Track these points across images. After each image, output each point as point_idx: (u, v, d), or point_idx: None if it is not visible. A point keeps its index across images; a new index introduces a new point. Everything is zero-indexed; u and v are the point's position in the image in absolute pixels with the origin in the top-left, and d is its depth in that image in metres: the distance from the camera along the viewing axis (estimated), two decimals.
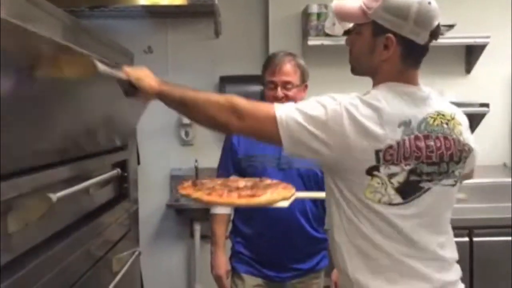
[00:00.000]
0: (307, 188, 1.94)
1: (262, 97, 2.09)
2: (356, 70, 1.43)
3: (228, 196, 1.45)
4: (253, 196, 1.45)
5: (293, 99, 1.89)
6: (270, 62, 2.06)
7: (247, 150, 2.03)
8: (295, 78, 2.01)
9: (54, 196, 1.06)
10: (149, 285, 3.52)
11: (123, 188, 1.86)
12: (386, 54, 1.31)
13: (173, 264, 3.64)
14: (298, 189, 1.70)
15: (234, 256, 2.12)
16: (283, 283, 2.05)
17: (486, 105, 3.19)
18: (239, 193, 1.48)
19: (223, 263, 2.09)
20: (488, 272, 2.72)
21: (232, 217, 2.19)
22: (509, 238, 2.73)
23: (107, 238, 1.64)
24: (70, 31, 1.23)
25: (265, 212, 1.85)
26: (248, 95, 1.99)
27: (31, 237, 1.09)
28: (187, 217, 3.48)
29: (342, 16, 1.38)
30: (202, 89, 3.64)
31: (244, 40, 3.55)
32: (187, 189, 1.52)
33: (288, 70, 2.01)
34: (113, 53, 1.59)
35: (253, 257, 2.06)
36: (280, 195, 1.48)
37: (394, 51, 1.30)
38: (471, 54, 3.34)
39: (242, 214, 2.07)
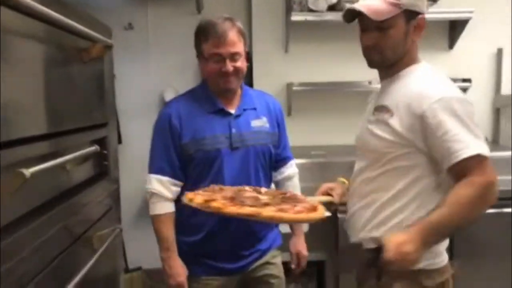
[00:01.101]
0: (262, 166, 1.83)
1: (204, 86, 1.87)
2: (386, 60, 1.51)
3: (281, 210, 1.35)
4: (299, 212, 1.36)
5: (241, 71, 1.74)
6: (210, 31, 1.72)
7: (194, 132, 1.74)
8: (241, 48, 1.74)
9: (27, 172, 1.03)
10: (134, 262, 3.52)
11: (103, 166, 1.84)
12: (419, 34, 1.50)
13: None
14: (253, 167, 1.77)
15: (183, 258, 1.83)
16: (243, 272, 1.87)
17: (468, 80, 3.22)
18: (280, 207, 1.37)
19: (182, 269, 1.79)
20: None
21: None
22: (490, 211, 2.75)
23: (87, 216, 1.62)
24: (48, 5, 1.19)
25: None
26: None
27: (6, 213, 1.07)
28: None
29: (376, 15, 1.44)
30: (183, 67, 3.61)
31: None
32: (211, 202, 1.40)
33: (234, 39, 1.72)
34: (92, 29, 1.55)
35: (206, 255, 1.82)
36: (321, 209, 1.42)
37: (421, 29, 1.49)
38: (454, 29, 3.33)
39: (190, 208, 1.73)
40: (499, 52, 3.39)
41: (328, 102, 3.38)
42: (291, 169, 2.01)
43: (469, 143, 1.34)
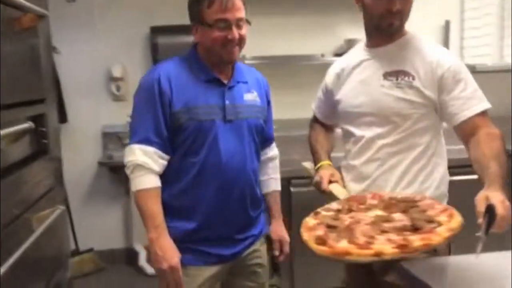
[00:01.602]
0: (255, 141, 1.70)
1: (195, 54, 1.66)
2: (403, 24, 1.63)
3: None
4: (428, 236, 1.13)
5: (244, 40, 1.60)
6: None
7: (187, 99, 1.57)
8: (244, 13, 1.61)
9: None
10: (86, 244, 3.43)
11: (42, 145, 1.74)
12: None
13: (110, 224, 3.56)
14: (248, 142, 1.66)
15: None
16: (236, 260, 1.70)
17: None
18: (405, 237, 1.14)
19: (175, 249, 1.56)
20: None
21: None
22: None
23: (25, 196, 1.53)
24: None
25: (219, 180, 1.59)
26: (181, 47, 1.83)
27: None
28: (122, 174, 3.36)
29: None
30: (132, 42, 3.47)
31: None
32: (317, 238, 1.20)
33: (240, 4, 1.58)
34: (28, 1, 1.44)
35: (199, 241, 1.61)
36: (457, 221, 1.21)
37: None
38: None
39: (180, 186, 1.60)
40: (447, 24, 3.43)
41: (281, 76, 3.35)
42: (274, 150, 1.91)
43: (482, 98, 1.53)
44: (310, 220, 1.34)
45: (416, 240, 1.11)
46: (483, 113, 1.51)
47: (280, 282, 2.90)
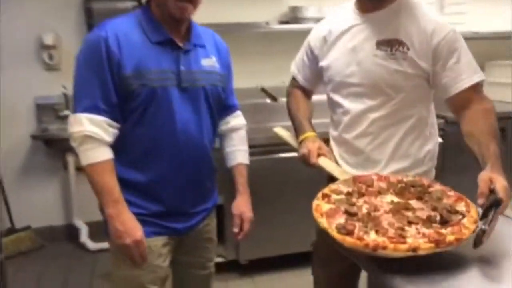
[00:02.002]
0: (212, 111, 1.58)
1: (147, 12, 1.50)
2: None
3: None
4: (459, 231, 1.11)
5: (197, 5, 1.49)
6: None
7: (138, 62, 1.41)
8: None
9: None
10: (22, 221, 3.27)
11: None
12: None
13: (48, 200, 3.40)
14: (205, 113, 1.55)
15: None
16: (188, 234, 1.62)
17: None
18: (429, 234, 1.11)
19: (137, 223, 1.46)
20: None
21: None
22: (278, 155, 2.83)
23: None
24: None
25: (174, 151, 1.49)
26: (118, 12, 1.67)
27: None
28: (58, 148, 3.20)
29: None
30: (64, 8, 3.24)
31: None
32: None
33: None
34: None
35: (150, 213, 1.53)
36: (475, 211, 1.19)
37: None
38: None
39: (131, 157, 1.50)
40: None
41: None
42: (238, 119, 1.77)
43: (476, 69, 1.49)
44: (323, 204, 1.26)
45: (448, 235, 1.09)
46: (477, 85, 1.47)
47: (225, 251, 2.89)
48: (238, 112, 1.78)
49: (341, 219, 1.19)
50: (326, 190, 1.34)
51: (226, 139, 1.75)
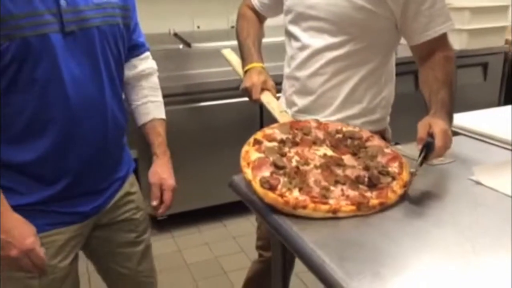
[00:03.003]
0: (115, 59, 1.25)
1: None
2: None
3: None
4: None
5: None
6: None
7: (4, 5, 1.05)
8: None
9: None
10: None
11: None
12: None
13: None
14: (101, 60, 1.20)
15: None
16: (100, 213, 1.32)
17: None
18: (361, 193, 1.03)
19: (25, 225, 1.14)
20: None
21: None
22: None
23: None
24: None
25: (66, 117, 1.16)
26: None
27: None
28: None
29: None
30: None
31: None
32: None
33: None
34: None
35: (43, 200, 1.20)
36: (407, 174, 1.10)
37: None
38: None
39: (8, 136, 1.15)
40: None
41: None
42: (148, 62, 1.43)
43: (448, 16, 1.37)
44: (252, 152, 1.14)
45: (373, 199, 1.02)
46: (445, 33, 1.38)
47: None
48: (147, 54, 1.44)
49: (267, 172, 1.08)
50: (259, 135, 1.21)
51: (133, 88, 1.41)
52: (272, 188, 1.03)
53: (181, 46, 2.88)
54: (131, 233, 1.41)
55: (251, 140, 1.20)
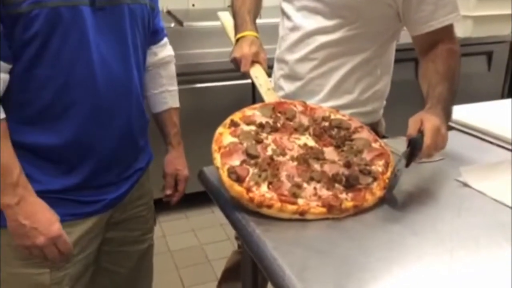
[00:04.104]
0: (141, 39, 1.19)
1: None
2: None
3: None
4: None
5: None
6: None
7: None
8: None
9: None
10: None
11: None
12: None
13: None
14: (130, 40, 1.12)
15: None
16: (116, 206, 1.24)
17: None
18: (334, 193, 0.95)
19: (49, 212, 1.07)
20: None
21: None
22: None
23: None
24: None
25: (93, 97, 1.08)
26: None
27: None
28: None
29: None
30: None
31: None
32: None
33: None
34: None
35: (64, 189, 1.12)
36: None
37: None
38: None
39: (28, 116, 1.07)
40: None
41: None
42: (167, 50, 1.39)
43: (455, 6, 1.26)
44: (226, 135, 1.05)
45: (347, 201, 0.93)
46: (451, 24, 1.27)
47: None
48: (166, 40, 1.39)
49: (237, 160, 0.99)
50: (237, 116, 1.11)
51: (152, 76, 1.35)
52: (240, 180, 0.94)
53: (172, 25, 2.77)
54: (136, 231, 1.33)
55: (228, 121, 1.10)
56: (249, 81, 1.37)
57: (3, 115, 1.00)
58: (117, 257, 1.32)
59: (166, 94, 1.38)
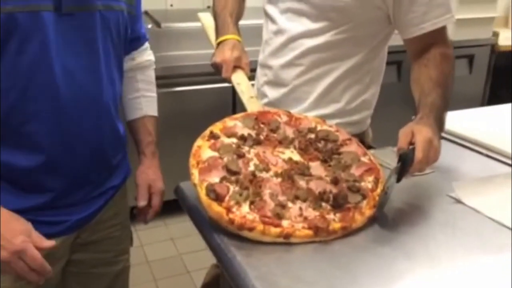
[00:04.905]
0: (115, 48, 1.09)
1: None
2: None
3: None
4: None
5: None
6: None
7: None
8: None
9: None
10: None
11: None
12: None
13: None
14: (101, 49, 1.03)
15: None
16: (85, 226, 1.15)
17: None
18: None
19: (16, 221, 0.97)
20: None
21: None
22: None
23: None
24: None
25: (55, 113, 0.99)
26: None
27: None
28: None
29: None
30: None
31: None
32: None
33: None
34: None
35: (26, 208, 1.02)
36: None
37: None
38: None
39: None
40: None
41: None
42: (146, 54, 1.31)
43: (448, 7, 1.20)
44: (205, 148, 0.97)
45: (335, 222, 0.87)
46: (445, 26, 1.22)
47: None
48: (146, 45, 1.31)
49: (217, 177, 0.91)
50: (217, 127, 1.04)
51: (127, 80, 1.25)
52: (219, 199, 0.87)
53: (150, 26, 2.68)
54: (108, 252, 1.23)
55: (207, 132, 1.02)
56: (230, 84, 1.30)
57: None
58: (87, 279, 1.22)
59: (142, 100, 1.29)
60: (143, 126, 1.28)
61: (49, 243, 0.96)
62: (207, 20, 1.44)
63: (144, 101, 1.29)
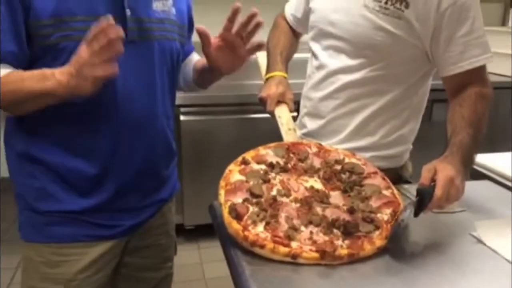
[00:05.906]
0: (168, 72, 1.22)
1: None
2: None
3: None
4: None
5: None
6: None
7: (57, 4, 1.02)
8: None
9: None
10: None
11: None
12: None
13: None
14: (157, 73, 1.16)
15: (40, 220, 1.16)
16: (136, 231, 1.27)
17: None
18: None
19: None
20: None
21: None
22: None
23: None
24: None
25: (116, 126, 1.12)
26: None
27: None
28: None
29: None
30: None
31: None
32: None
33: None
34: None
35: (82, 210, 1.15)
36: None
37: None
38: None
39: (53, 138, 1.12)
40: None
41: None
42: (192, 56, 1.47)
43: (486, 47, 1.21)
44: (235, 173, 1.06)
45: (342, 248, 0.91)
46: (483, 65, 1.22)
47: None
48: (194, 53, 1.46)
49: (240, 198, 1.00)
50: (249, 155, 1.13)
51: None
52: (238, 217, 0.94)
53: None
54: (155, 258, 1.36)
55: (240, 158, 1.11)
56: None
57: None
58: (133, 282, 1.35)
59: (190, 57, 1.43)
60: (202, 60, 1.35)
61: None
62: (262, 59, 1.53)
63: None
